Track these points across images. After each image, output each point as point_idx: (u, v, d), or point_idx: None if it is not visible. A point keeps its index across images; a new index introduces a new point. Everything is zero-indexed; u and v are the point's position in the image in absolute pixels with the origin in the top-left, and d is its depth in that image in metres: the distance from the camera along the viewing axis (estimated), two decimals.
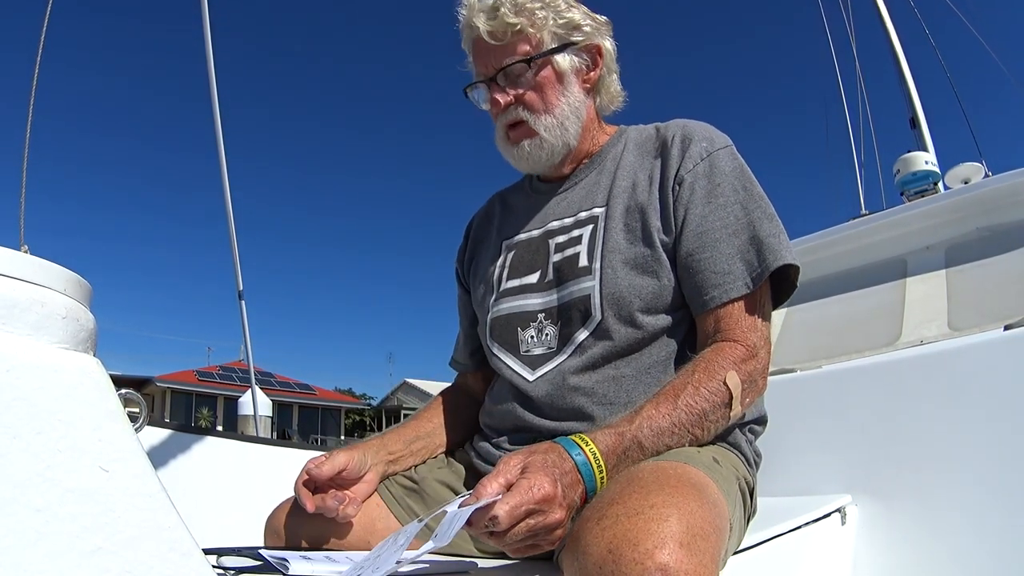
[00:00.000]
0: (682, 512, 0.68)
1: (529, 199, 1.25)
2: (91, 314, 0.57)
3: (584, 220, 1.12)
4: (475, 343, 1.29)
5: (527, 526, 0.72)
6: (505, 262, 1.20)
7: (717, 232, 1.02)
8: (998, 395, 1.46)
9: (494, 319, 1.16)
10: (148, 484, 0.50)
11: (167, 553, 0.49)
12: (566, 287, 1.08)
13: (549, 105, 1.12)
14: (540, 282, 1.12)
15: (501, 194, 1.37)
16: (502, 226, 1.27)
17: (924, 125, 5.70)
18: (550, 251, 1.13)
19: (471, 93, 1.17)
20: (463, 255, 1.35)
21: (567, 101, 1.13)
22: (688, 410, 0.90)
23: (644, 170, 1.11)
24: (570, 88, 1.13)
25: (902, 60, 6.14)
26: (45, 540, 0.44)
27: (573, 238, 1.11)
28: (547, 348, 1.08)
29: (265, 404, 9.10)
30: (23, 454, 0.45)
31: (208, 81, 3.72)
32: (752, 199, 1.05)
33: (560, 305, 1.08)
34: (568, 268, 1.09)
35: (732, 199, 1.04)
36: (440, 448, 1.23)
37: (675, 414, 0.89)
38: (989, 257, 2.48)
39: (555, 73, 1.12)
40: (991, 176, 2.98)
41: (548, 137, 1.12)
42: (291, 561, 0.87)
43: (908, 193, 3.60)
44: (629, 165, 1.13)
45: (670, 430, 0.88)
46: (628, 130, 1.21)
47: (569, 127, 1.14)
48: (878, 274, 2.77)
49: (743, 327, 0.99)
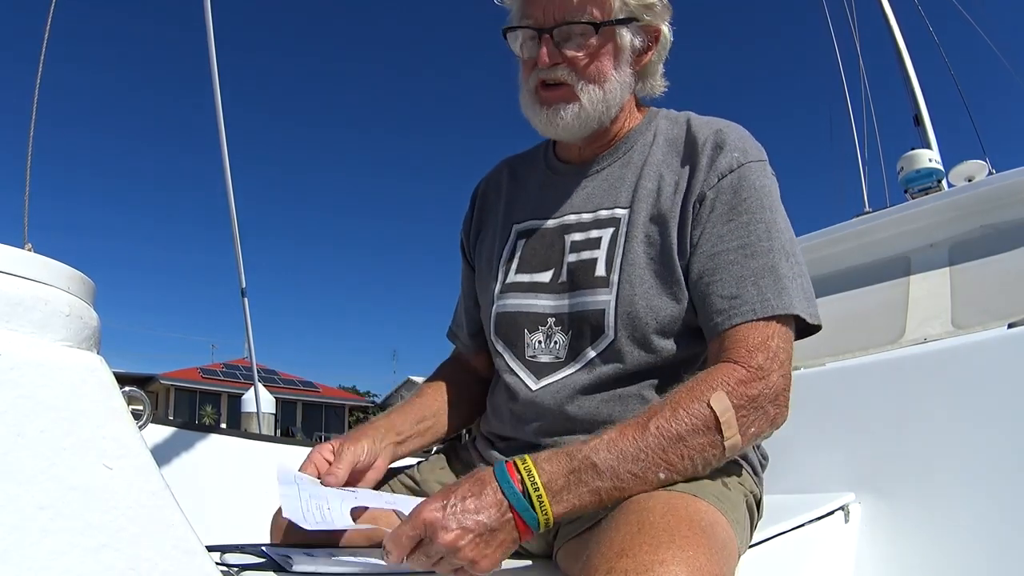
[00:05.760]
0: (691, 569, 0.69)
1: (544, 177, 1.17)
2: (95, 312, 0.57)
3: (605, 220, 1.05)
4: (477, 326, 1.22)
5: (422, 552, 0.77)
6: (515, 250, 1.12)
7: (732, 253, 0.95)
8: (1002, 393, 1.45)
9: (500, 314, 1.10)
10: (152, 481, 0.50)
11: (171, 550, 0.49)
12: (580, 295, 1.02)
13: (602, 77, 1.03)
14: (553, 282, 1.06)
15: (511, 162, 1.27)
16: (512, 203, 1.19)
17: (928, 122, 5.68)
18: (565, 248, 1.06)
19: (511, 35, 1.07)
20: (468, 225, 1.26)
21: (618, 78, 1.05)
22: (660, 433, 0.82)
23: (671, 172, 1.03)
24: (623, 66, 1.05)
25: (906, 57, 6.12)
26: (50, 537, 0.45)
27: (592, 240, 1.05)
28: (554, 357, 1.03)
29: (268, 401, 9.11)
30: (27, 452, 0.45)
31: (211, 78, 3.72)
32: (776, 225, 0.97)
33: (571, 313, 1.03)
34: (584, 274, 1.03)
35: (756, 217, 0.96)
36: (444, 430, 1.20)
37: (644, 438, 0.81)
38: (993, 255, 2.47)
39: (616, 46, 1.04)
40: (995, 174, 2.98)
41: (590, 109, 1.03)
42: (295, 558, 0.87)
43: (912, 191, 3.59)
44: (656, 163, 1.05)
45: (635, 455, 0.81)
46: (659, 117, 1.11)
47: (612, 105, 1.05)
48: (882, 272, 2.77)
49: (747, 347, 0.90)
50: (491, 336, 1.12)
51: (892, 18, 6.32)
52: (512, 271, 1.11)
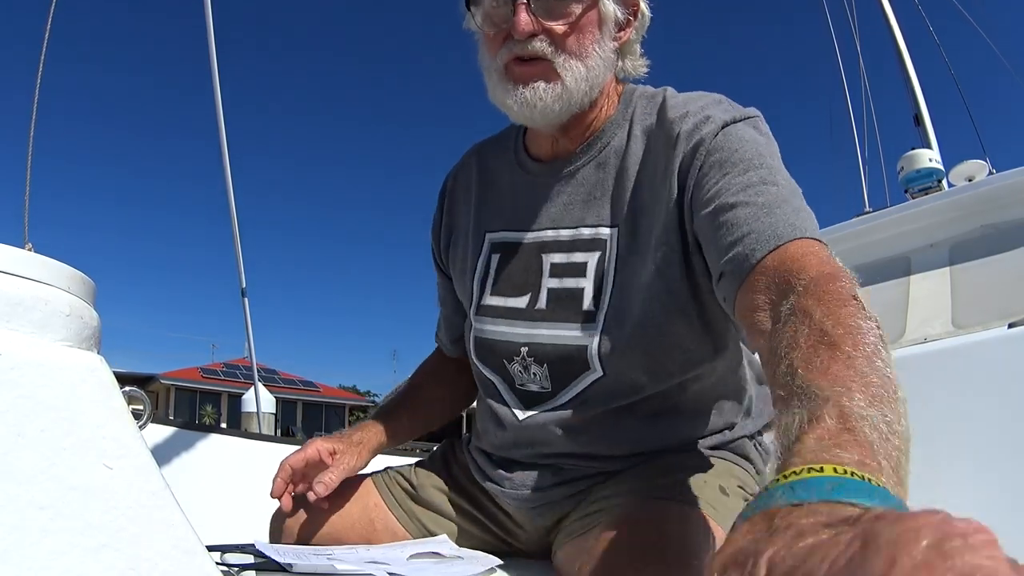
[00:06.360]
0: None
1: (516, 176, 1.05)
2: (95, 311, 0.58)
3: (587, 241, 0.94)
4: (457, 332, 1.16)
5: None
6: (489, 265, 1.03)
7: (737, 196, 0.79)
8: (1002, 393, 1.45)
9: (478, 339, 1.03)
10: (152, 481, 0.50)
11: (171, 550, 0.49)
12: (560, 327, 0.94)
13: (584, 51, 0.90)
14: (528, 309, 0.97)
15: (480, 152, 1.13)
16: (483, 205, 1.07)
17: (928, 122, 5.68)
18: (543, 271, 0.97)
19: (474, 7, 0.94)
20: (438, 230, 1.15)
21: (601, 53, 0.92)
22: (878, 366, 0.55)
23: (651, 176, 0.91)
24: (605, 40, 0.93)
25: (906, 57, 6.12)
26: (49, 537, 0.44)
27: (576, 265, 0.95)
28: (540, 387, 0.96)
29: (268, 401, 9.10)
30: (27, 452, 0.45)
31: (211, 77, 3.72)
32: (781, 172, 0.82)
33: (548, 345, 0.95)
34: (567, 306, 0.94)
35: (754, 163, 0.81)
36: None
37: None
38: (993, 255, 2.47)
39: (599, 15, 0.91)
40: (995, 173, 2.98)
41: (572, 88, 0.90)
42: (292, 557, 0.87)
43: (912, 190, 3.59)
44: (634, 164, 0.93)
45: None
46: (635, 99, 0.98)
47: (595, 85, 0.93)
48: (882, 271, 2.77)
49: (817, 257, 0.69)
50: (474, 358, 1.06)
51: (892, 18, 6.32)
52: (487, 292, 1.03)
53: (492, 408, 1.02)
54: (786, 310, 0.62)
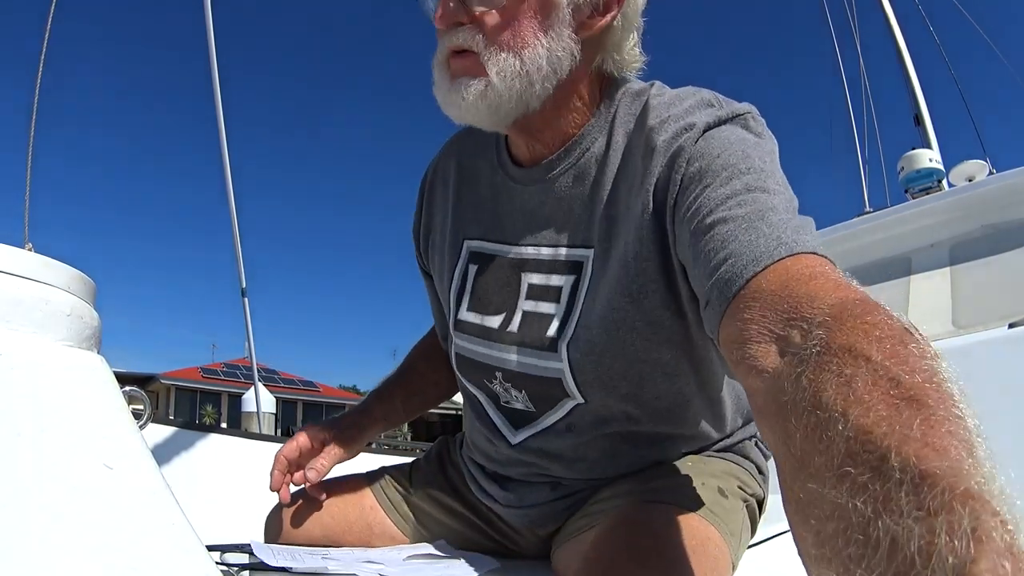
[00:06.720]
0: None
1: (495, 178, 0.95)
2: (95, 311, 0.58)
3: (564, 263, 0.86)
4: (446, 330, 1.06)
5: None
6: (466, 276, 0.96)
7: (718, 212, 0.68)
8: (1002, 392, 1.45)
9: (458, 355, 0.98)
10: (152, 481, 0.50)
11: (171, 550, 0.49)
12: (528, 354, 0.88)
13: (517, 40, 0.77)
14: (500, 329, 0.90)
15: (461, 143, 1.02)
16: (461, 207, 0.99)
17: (928, 122, 5.69)
18: (521, 291, 0.89)
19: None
20: (418, 227, 1.08)
21: (545, 44, 0.78)
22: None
23: (628, 190, 0.80)
24: (556, 28, 0.78)
25: (906, 57, 6.12)
26: (49, 537, 0.44)
27: (550, 289, 0.87)
28: (525, 407, 0.91)
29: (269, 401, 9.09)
30: (27, 451, 0.45)
31: (212, 77, 3.72)
32: (773, 177, 0.71)
33: (520, 373, 0.89)
34: (535, 332, 0.87)
35: (739, 169, 0.70)
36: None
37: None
38: (993, 255, 2.47)
39: (541, 1, 0.78)
40: (995, 174, 2.98)
41: (499, 85, 0.77)
42: (289, 557, 0.87)
43: (912, 190, 3.60)
44: (611, 176, 0.83)
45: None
46: (618, 98, 0.86)
47: (535, 81, 0.78)
48: (882, 271, 2.77)
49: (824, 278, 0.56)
50: (458, 372, 1.01)
51: (892, 18, 6.33)
52: (464, 306, 0.96)
53: (480, 426, 0.99)
54: (813, 347, 0.48)
